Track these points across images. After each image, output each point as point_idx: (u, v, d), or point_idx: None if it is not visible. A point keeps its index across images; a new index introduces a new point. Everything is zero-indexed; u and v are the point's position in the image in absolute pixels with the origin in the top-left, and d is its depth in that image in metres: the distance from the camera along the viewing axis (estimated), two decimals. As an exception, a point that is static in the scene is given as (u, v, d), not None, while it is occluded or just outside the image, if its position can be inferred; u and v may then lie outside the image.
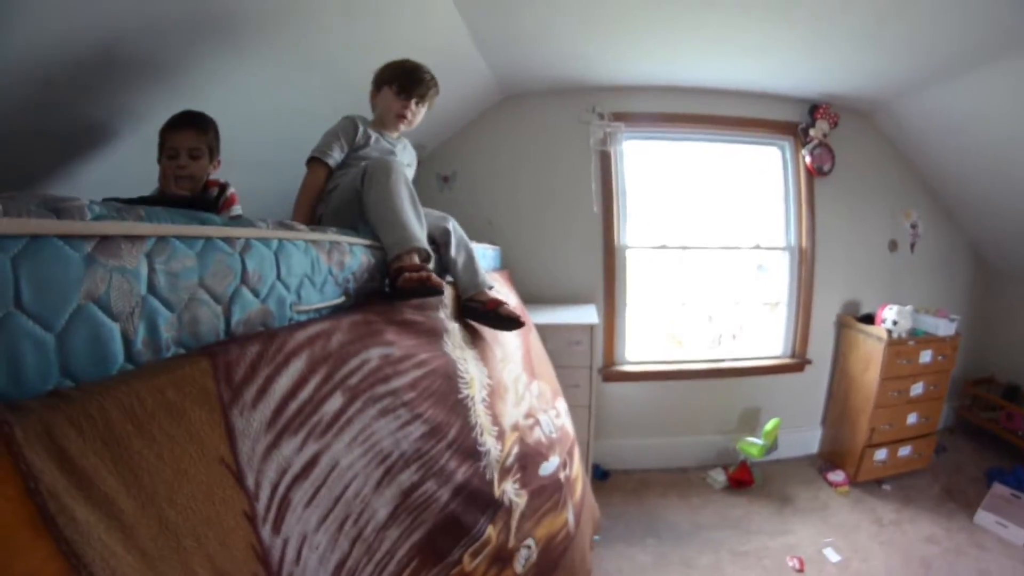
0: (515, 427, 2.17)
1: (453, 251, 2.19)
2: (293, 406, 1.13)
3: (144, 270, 0.88)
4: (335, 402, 1.27)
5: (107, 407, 0.77)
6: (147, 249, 0.89)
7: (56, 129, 1.97)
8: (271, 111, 2.62)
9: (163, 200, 1.96)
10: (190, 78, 2.16)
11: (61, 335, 0.76)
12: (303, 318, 1.34)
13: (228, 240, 1.09)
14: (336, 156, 2.22)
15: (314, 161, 2.21)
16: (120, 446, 0.77)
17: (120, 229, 0.84)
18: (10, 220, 0.69)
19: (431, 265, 1.90)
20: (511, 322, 2.14)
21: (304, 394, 1.17)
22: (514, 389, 2.29)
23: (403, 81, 2.31)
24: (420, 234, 1.85)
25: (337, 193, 2.11)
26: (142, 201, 1.91)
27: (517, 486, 2.00)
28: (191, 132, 2.07)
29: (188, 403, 0.89)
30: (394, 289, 1.74)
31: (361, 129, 2.28)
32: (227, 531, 0.92)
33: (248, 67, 2.30)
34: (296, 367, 1.16)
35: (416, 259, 1.80)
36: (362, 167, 1.98)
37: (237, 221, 1.16)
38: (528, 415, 2.34)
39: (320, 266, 1.44)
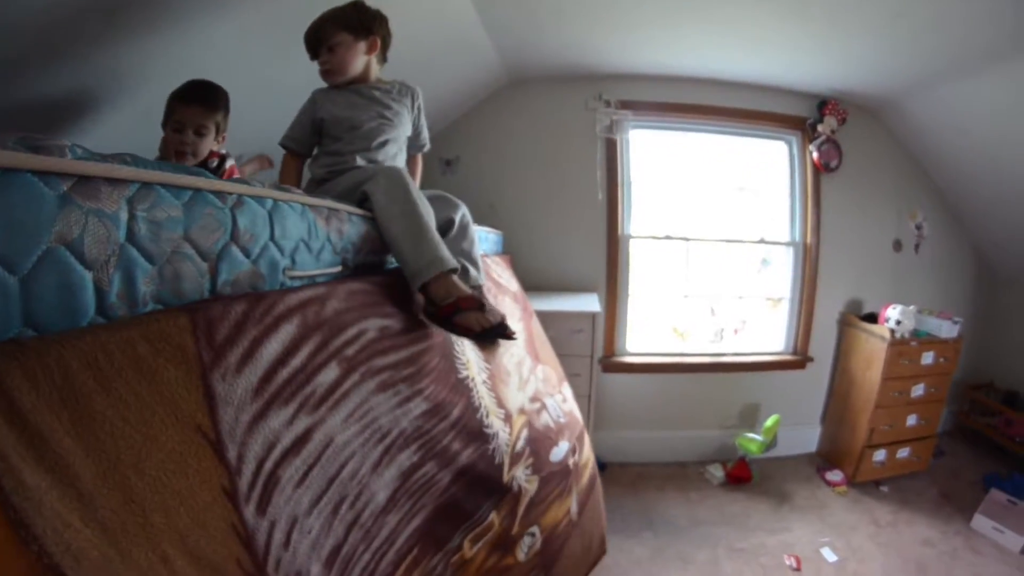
0: (522, 411, 2.07)
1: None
2: (283, 374, 1.04)
3: (124, 216, 0.80)
4: (330, 373, 1.18)
5: (67, 358, 0.68)
6: (129, 194, 0.81)
7: (45, 95, 1.87)
8: (271, 83, 2.53)
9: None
10: (189, 48, 2.07)
11: (26, 279, 0.67)
12: (297, 284, 1.25)
13: (219, 194, 1.01)
14: (300, 136, 2.15)
15: (283, 148, 2.18)
16: (80, 403, 0.69)
17: (101, 171, 0.76)
18: (-22, 151, 0.62)
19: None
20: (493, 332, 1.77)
21: (296, 362, 1.08)
22: (517, 373, 2.19)
23: (307, 48, 2.13)
24: (448, 252, 1.70)
25: (334, 191, 1.91)
26: None
27: (529, 471, 1.92)
28: (200, 109, 2.01)
29: (162, 361, 0.81)
30: (446, 324, 1.66)
31: (320, 100, 2.14)
32: (202, 508, 0.83)
33: (250, 36, 2.22)
34: (287, 331, 1.08)
35: (463, 286, 1.68)
36: (368, 172, 1.85)
37: (229, 181, 1.09)
38: (534, 399, 2.25)
39: (317, 231, 1.36)
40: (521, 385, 2.19)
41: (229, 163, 2.14)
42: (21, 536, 0.59)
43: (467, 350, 1.87)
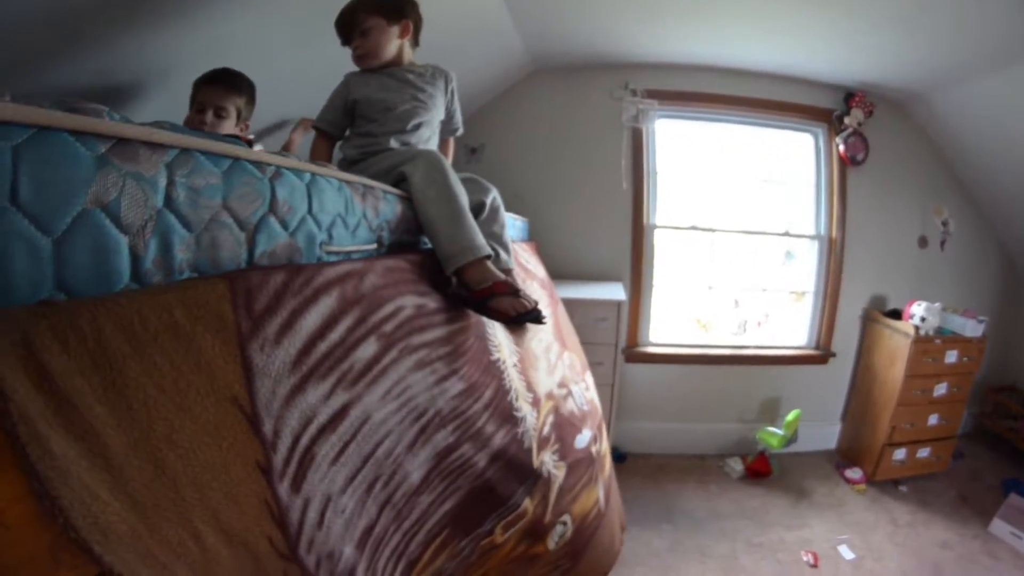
0: (550, 395, 2.06)
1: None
2: (322, 347, 1.02)
3: (163, 181, 0.77)
4: (368, 348, 1.16)
5: (101, 321, 0.65)
6: (168, 159, 0.78)
7: (72, 82, 1.85)
8: (294, 73, 2.51)
9: None
10: (216, 34, 2.04)
11: (60, 241, 0.65)
12: (333, 259, 1.22)
13: (258, 165, 0.99)
14: (332, 118, 2.13)
15: (316, 131, 2.17)
16: (113, 369, 0.65)
17: (140, 133, 0.74)
18: (17, 107, 0.59)
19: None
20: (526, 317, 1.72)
21: (335, 336, 1.06)
22: (545, 358, 2.18)
23: (338, 34, 2.12)
24: (483, 238, 1.70)
25: (368, 172, 1.87)
26: None
27: (556, 457, 1.90)
28: (221, 89, 2.02)
29: (199, 329, 0.78)
30: (480, 308, 1.65)
31: (351, 84, 2.11)
32: (236, 483, 0.80)
33: (272, 24, 2.20)
34: (326, 304, 1.05)
35: (497, 272, 1.67)
36: (406, 154, 1.85)
37: (267, 152, 1.06)
38: (562, 384, 2.24)
39: (354, 207, 1.33)
40: (550, 370, 2.17)
41: (257, 148, 2.12)
42: (46, 508, 0.56)
43: (499, 333, 1.86)
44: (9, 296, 0.61)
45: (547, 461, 1.83)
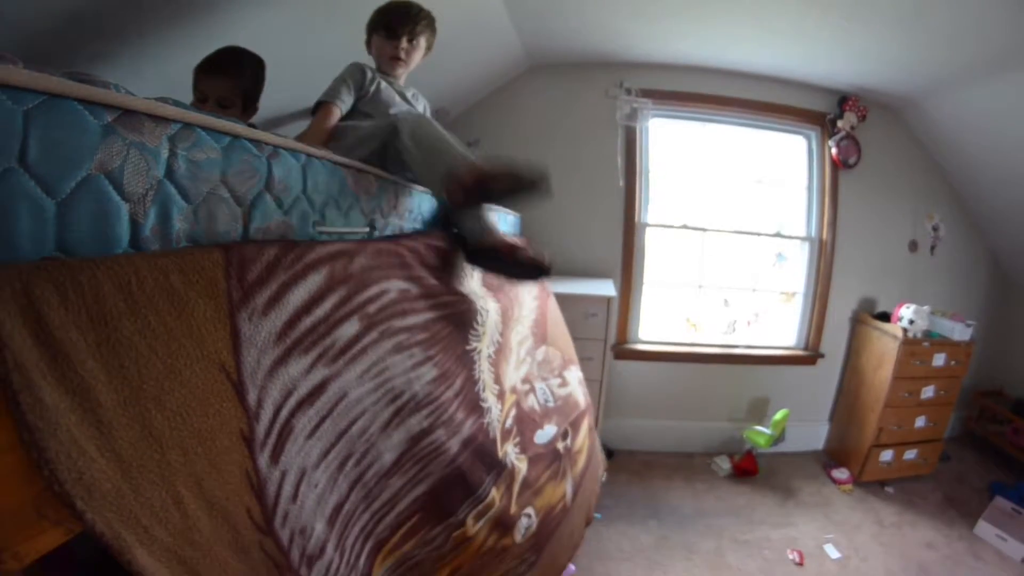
0: (513, 389, 2.06)
1: None
2: (307, 322, 1.04)
3: (164, 152, 0.81)
4: (351, 327, 1.18)
5: (100, 278, 0.68)
6: (171, 132, 0.82)
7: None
8: (293, 59, 2.46)
9: None
10: (214, 17, 2.03)
11: (63, 204, 0.68)
12: (325, 239, 1.24)
13: (256, 143, 1.01)
14: (346, 100, 2.07)
15: (323, 105, 2.04)
16: (108, 326, 0.68)
17: (145, 106, 0.77)
18: (30, 74, 0.63)
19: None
20: (532, 269, 1.77)
21: (320, 312, 1.08)
22: (516, 351, 2.18)
23: (389, 21, 2.17)
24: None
25: (357, 145, 1.87)
26: None
27: (517, 450, 1.92)
28: (221, 79, 1.94)
29: (193, 294, 0.80)
30: (474, 192, 1.54)
31: (369, 75, 2.14)
32: (220, 451, 0.83)
33: (273, 8, 2.18)
34: (315, 280, 1.07)
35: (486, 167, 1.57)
36: (392, 118, 1.84)
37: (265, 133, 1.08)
38: (525, 380, 2.23)
39: (347, 190, 1.36)
40: (517, 364, 2.17)
41: None
42: (33, 458, 0.59)
43: (489, 321, 1.87)
44: (11, 252, 0.64)
45: (510, 452, 1.84)
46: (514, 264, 1.74)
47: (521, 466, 1.89)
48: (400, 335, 1.38)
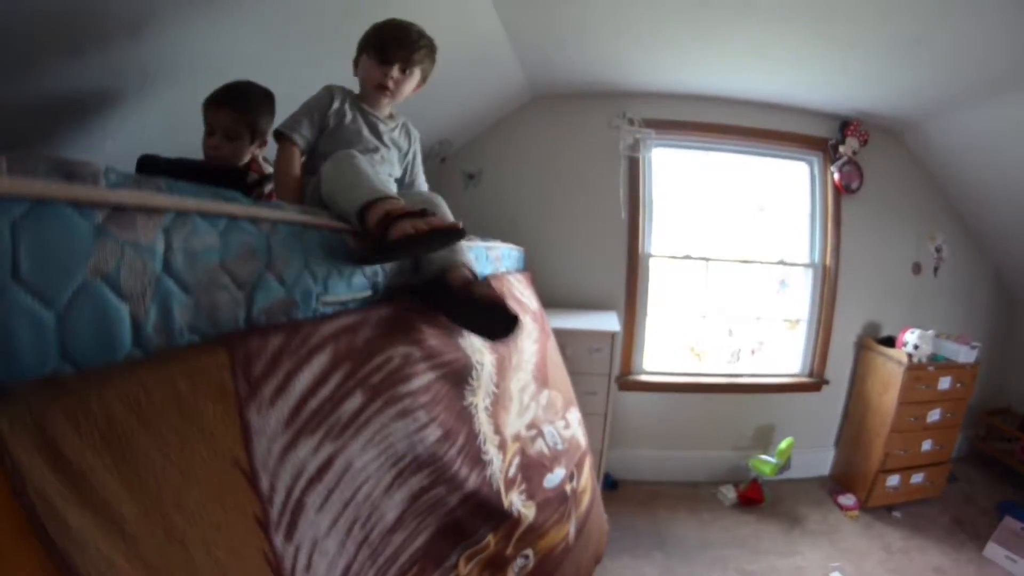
0: (516, 437, 2.04)
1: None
2: (312, 404, 1.05)
3: (160, 247, 0.80)
4: (355, 401, 1.18)
5: (109, 399, 0.68)
6: (165, 224, 0.81)
7: (72, 89, 1.83)
8: (293, 94, 2.47)
9: (200, 165, 1.95)
10: (217, 45, 2.03)
11: (62, 314, 0.67)
12: (329, 311, 1.24)
13: (254, 221, 1.01)
14: (306, 134, 1.86)
15: (282, 140, 1.86)
16: (122, 444, 0.69)
17: (136, 199, 0.77)
18: (13, 180, 0.62)
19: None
20: (498, 316, 1.56)
21: (324, 392, 1.09)
22: (519, 399, 2.16)
23: (383, 44, 1.90)
24: (390, 188, 1.53)
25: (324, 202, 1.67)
26: (179, 163, 1.91)
27: (524, 497, 1.90)
28: (228, 112, 1.94)
29: (201, 397, 0.81)
30: (383, 249, 1.35)
31: (337, 103, 1.92)
32: (238, 538, 0.84)
33: (270, 44, 2.20)
34: (319, 362, 1.08)
35: (397, 203, 1.42)
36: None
37: (262, 203, 1.08)
38: (531, 426, 2.20)
39: (348, 254, 1.34)
40: (521, 411, 2.16)
41: (268, 187, 2.04)
42: None
43: (483, 374, 1.85)
44: (17, 370, 0.63)
45: (515, 501, 1.83)
46: (472, 308, 1.57)
47: (528, 512, 1.88)
48: (404, 400, 1.38)
